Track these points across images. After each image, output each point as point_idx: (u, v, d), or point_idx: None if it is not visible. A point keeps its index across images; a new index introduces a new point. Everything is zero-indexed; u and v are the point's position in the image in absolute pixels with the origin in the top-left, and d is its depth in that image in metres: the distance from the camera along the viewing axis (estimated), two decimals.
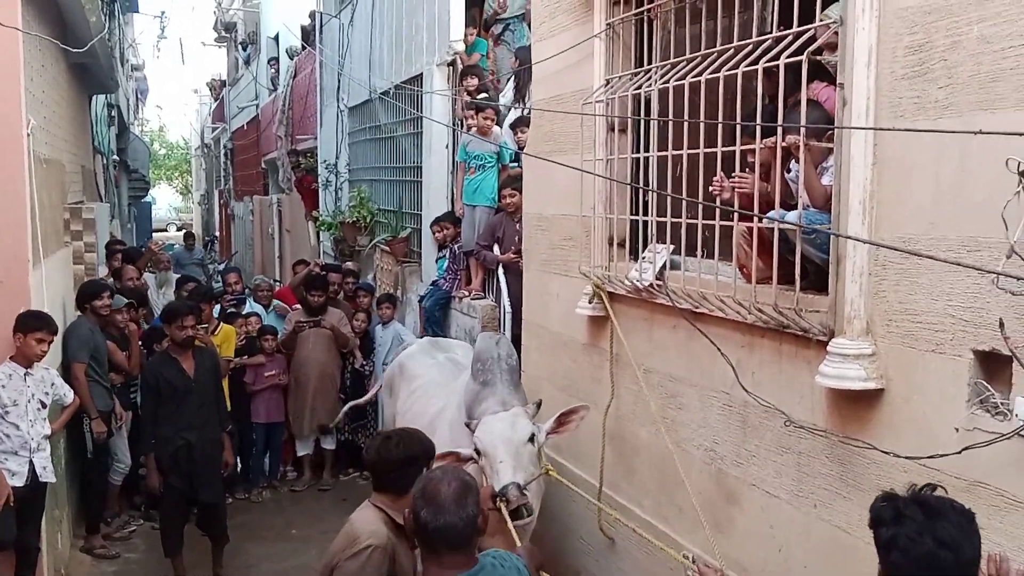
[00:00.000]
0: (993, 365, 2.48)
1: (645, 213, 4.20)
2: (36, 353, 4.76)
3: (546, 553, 4.97)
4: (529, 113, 6.17)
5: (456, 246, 7.56)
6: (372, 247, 10.35)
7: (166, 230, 37.64)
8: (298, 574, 6.07)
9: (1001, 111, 2.42)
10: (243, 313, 7.96)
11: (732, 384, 3.48)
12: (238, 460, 7.00)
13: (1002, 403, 2.43)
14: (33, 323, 4.73)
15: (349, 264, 9.94)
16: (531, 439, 3.95)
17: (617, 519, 4.27)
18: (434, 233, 7.96)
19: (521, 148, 6.62)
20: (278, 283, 12.71)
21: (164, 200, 42.98)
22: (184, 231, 15.80)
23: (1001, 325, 2.29)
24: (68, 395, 5.22)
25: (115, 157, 16.36)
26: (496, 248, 6.87)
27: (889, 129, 2.69)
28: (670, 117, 3.77)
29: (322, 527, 6.57)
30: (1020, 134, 2.13)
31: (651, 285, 3.97)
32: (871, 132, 2.79)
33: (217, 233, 26.55)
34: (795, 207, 3.17)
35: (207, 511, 5.92)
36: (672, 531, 4.00)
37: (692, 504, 3.78)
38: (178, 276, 9.80)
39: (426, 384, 5.31)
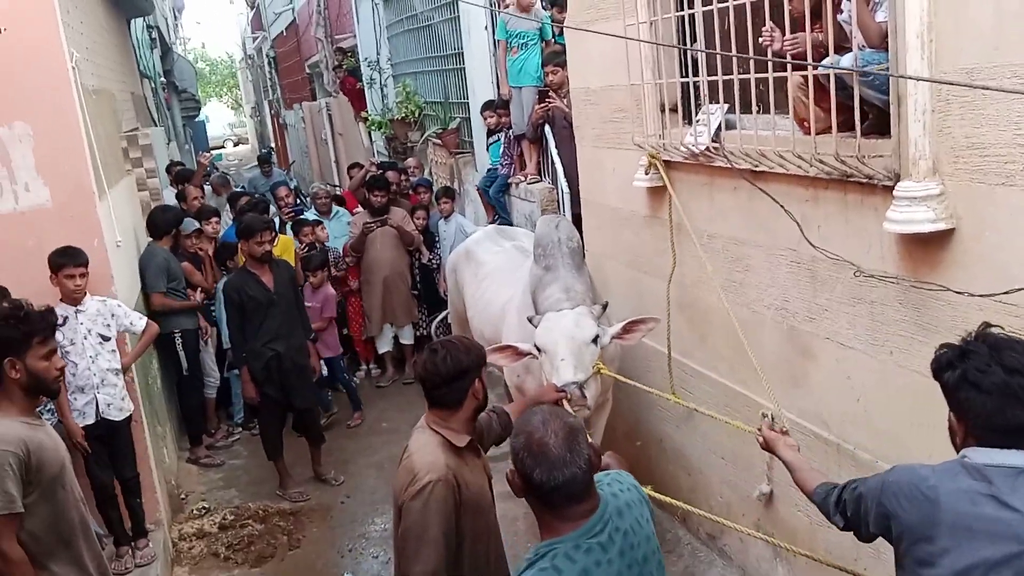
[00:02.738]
0: None
1: (695, 74, 4.07)
2: (70, 289, 4.68)
3: (628, 425, 5.09)
4: None
5: (509, 131, 7.47)
6: (424, 142, 10.31)
7: (223, 147, 38.06)
8: (391, 464, 6.33)
9: None
10: (309, 220, 8.03)
11: (798, 240, 3.42)
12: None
13: None
14: (57, 260, 4.65)
15: (410, 160, 9.93)
16: (595, 340, 3.90)
17: (678, 402, 4.32)
18: (485, 119, 7.87)
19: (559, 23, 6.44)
20: (337, 187, 12.81)
21: (218, 117, 43.21)
22: (259, 155, 15.02)
23: None
24: (137, 323, 5.12)
25: (163, 80, 16.44)
26: (548, 128, 6.78)
27: None
28: None
29: (410, 419, 6.75)
30: None
31: (707, 148, 3.89)
32: None
33: (272, 144, 26.71)
34: (850, 50, 3.03)
35: (302, 416, 6.20)
36: (749, 391, 4.03)
37: (767, 363, 3.79)
38: (230, 193, 9.93)
39: (494, 271, 5.37)
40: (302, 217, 8.15)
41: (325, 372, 7.22)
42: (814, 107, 3.22)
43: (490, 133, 7.85)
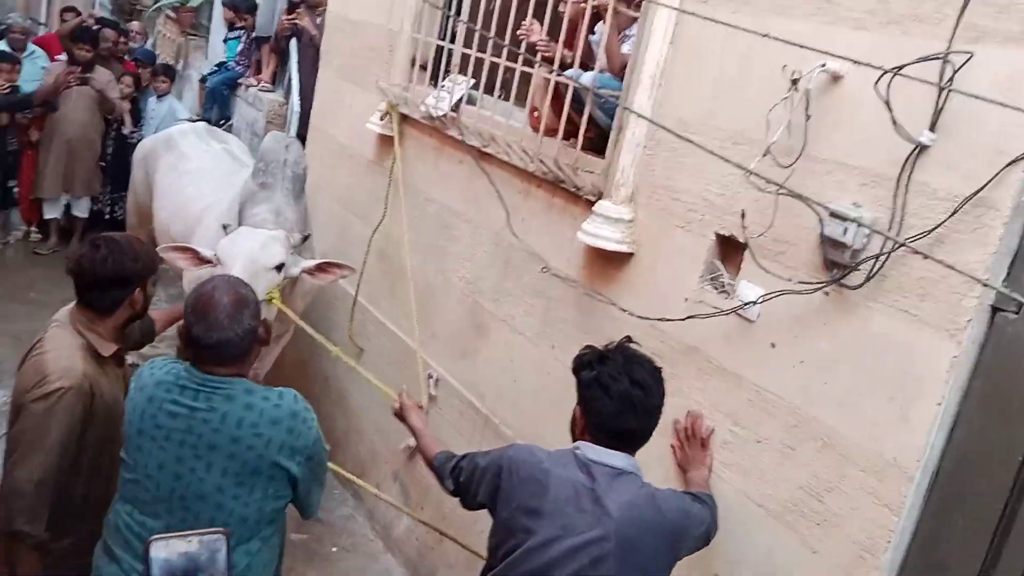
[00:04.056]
0: (729, 249, 2.76)
1: (452, 40, 4.15)
2: None
3: (299, 359, 5.10)
4: None
5: (252, 31, 7.11)
6: (156, 10, 9.47)
7: None
8: (30, 338, 5.81)
9: (790, 18, 2.58)
10: (10, 55, 7.05)
11: (503, 226, 3.63)
12: None
13: (728, 283, 2.73)
14: None
15: (135, 24, 9.02)
16: (279, 267, 3.74)
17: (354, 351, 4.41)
18: (224, 11, 7.42)
19: None
20: (42, 26, 11.37)
21: None
22: None
23: (743, 215, 2.55)
24: None
25: None
26: (293, 41, 6.54)
27: (690, 13, 2.80)
28: None
29: (63, 294, 6.16)
30: (799, 45, 2.31)
31: (445, 116, 3.99)
32: (675, 12, 2.90)
33: None
34: (593, 69, 3.27)
35: None
36: (422, 351, 4.21)
37: (447, 330, 3.99)
38: None
39: (200, 169, 5.06)
40: (3, 49, 7.15)
41: None
42: (548, 110, 3.44)
43: (231, 27, 7.40)
